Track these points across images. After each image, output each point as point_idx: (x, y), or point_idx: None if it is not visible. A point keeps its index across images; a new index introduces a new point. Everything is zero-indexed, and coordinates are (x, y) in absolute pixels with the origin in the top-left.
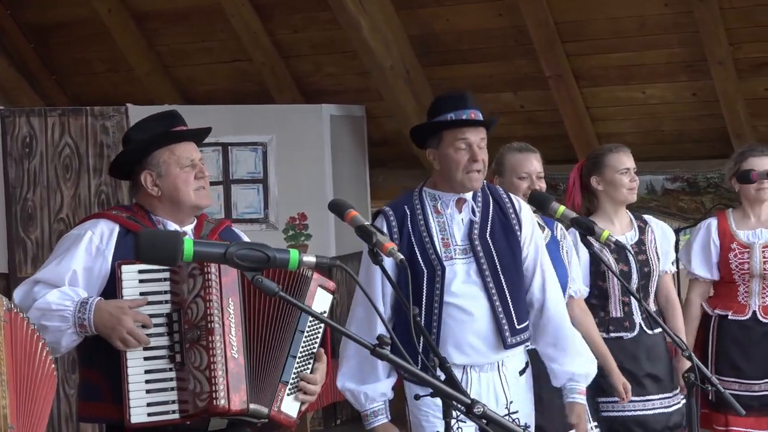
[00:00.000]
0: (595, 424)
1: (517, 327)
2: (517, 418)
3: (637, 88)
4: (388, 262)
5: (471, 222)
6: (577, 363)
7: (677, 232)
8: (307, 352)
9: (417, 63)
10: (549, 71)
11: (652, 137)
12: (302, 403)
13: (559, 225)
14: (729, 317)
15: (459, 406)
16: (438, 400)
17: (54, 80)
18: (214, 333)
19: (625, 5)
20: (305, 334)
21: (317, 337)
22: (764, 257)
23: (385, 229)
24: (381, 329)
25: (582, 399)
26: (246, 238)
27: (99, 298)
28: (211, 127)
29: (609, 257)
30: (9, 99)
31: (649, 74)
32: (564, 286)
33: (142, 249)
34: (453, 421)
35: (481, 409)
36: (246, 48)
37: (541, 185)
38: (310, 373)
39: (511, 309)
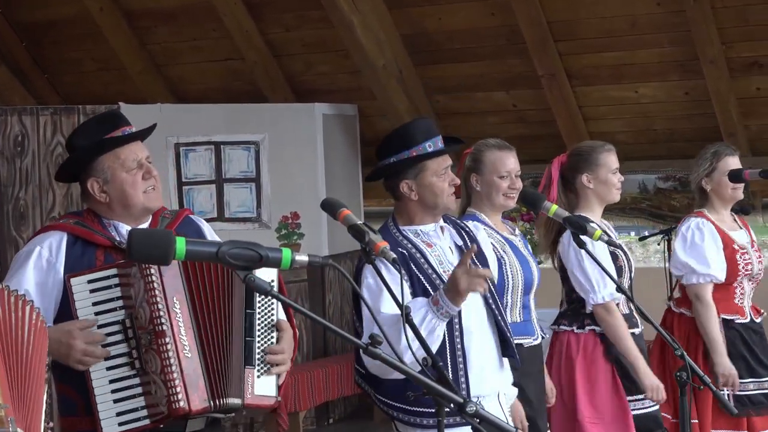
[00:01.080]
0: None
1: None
2: None
3: (629, 87)
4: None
5: (459, 248)
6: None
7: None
8: (265, 328)
9: (409, 62)
10: (541, 70)
11: (644, 136)
12: (278, 377)
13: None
14: (736, 321)
15: (451, 405)
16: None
17: (46, 79)
18: (165, 335)
19: (618, 4)
20: (258, 311)
21: (272, 310)
22: (758, 257)
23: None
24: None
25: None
26: (208, 229)
27: (47, 325)
28: (156, 124)
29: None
30: (1, 98)
31: (641, 73)
32: (531, 283)
33: (135, 248)
34: None
35: (474, 408)
36: (238, 47)
37: (519, 184)
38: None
39: (509, 328)
